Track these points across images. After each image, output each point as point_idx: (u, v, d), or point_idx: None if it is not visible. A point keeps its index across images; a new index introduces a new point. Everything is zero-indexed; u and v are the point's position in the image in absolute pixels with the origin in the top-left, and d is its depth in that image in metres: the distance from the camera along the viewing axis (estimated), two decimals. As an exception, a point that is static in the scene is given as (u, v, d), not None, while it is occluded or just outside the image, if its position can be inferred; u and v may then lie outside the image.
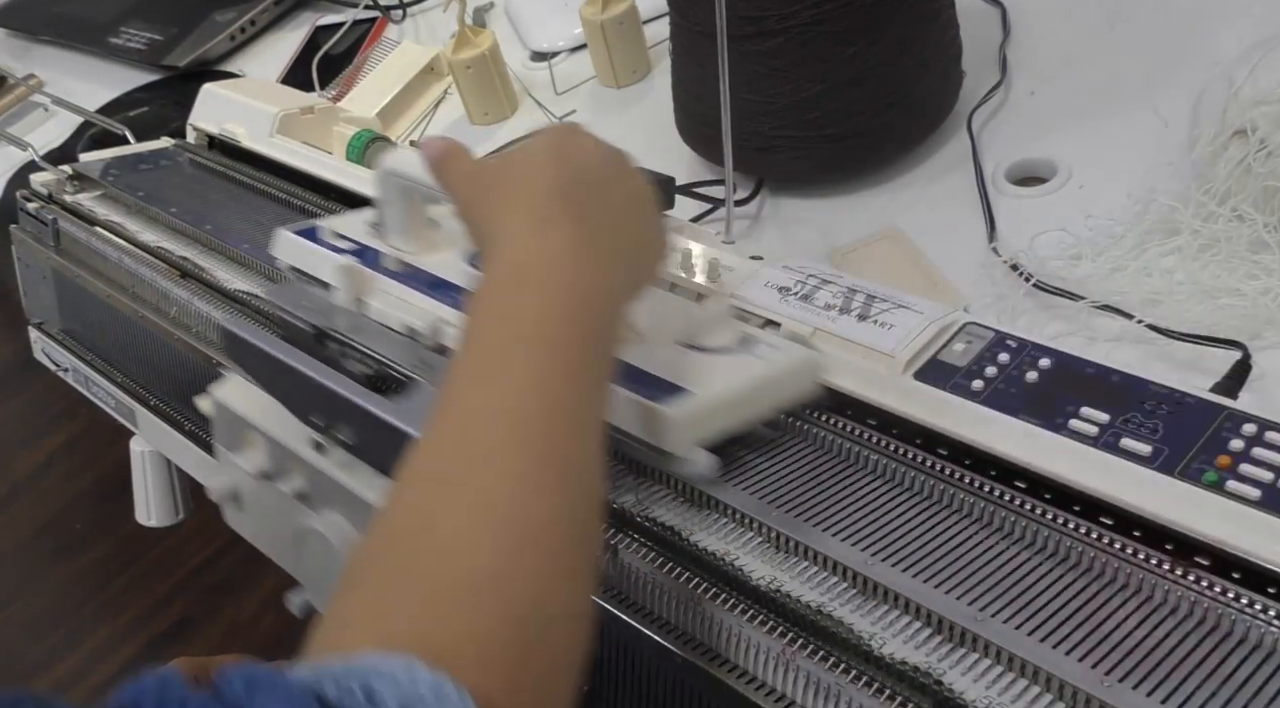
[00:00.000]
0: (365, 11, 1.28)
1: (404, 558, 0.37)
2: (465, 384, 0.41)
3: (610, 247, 0.45)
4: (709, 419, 0.51)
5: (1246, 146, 0.68)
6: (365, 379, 0.57)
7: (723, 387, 0.52)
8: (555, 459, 0.39)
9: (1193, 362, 0.63)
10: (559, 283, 0.43)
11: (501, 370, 0.41)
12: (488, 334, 0.42)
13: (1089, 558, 0.45)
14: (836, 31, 0.75)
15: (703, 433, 0.50)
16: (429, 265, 0.63)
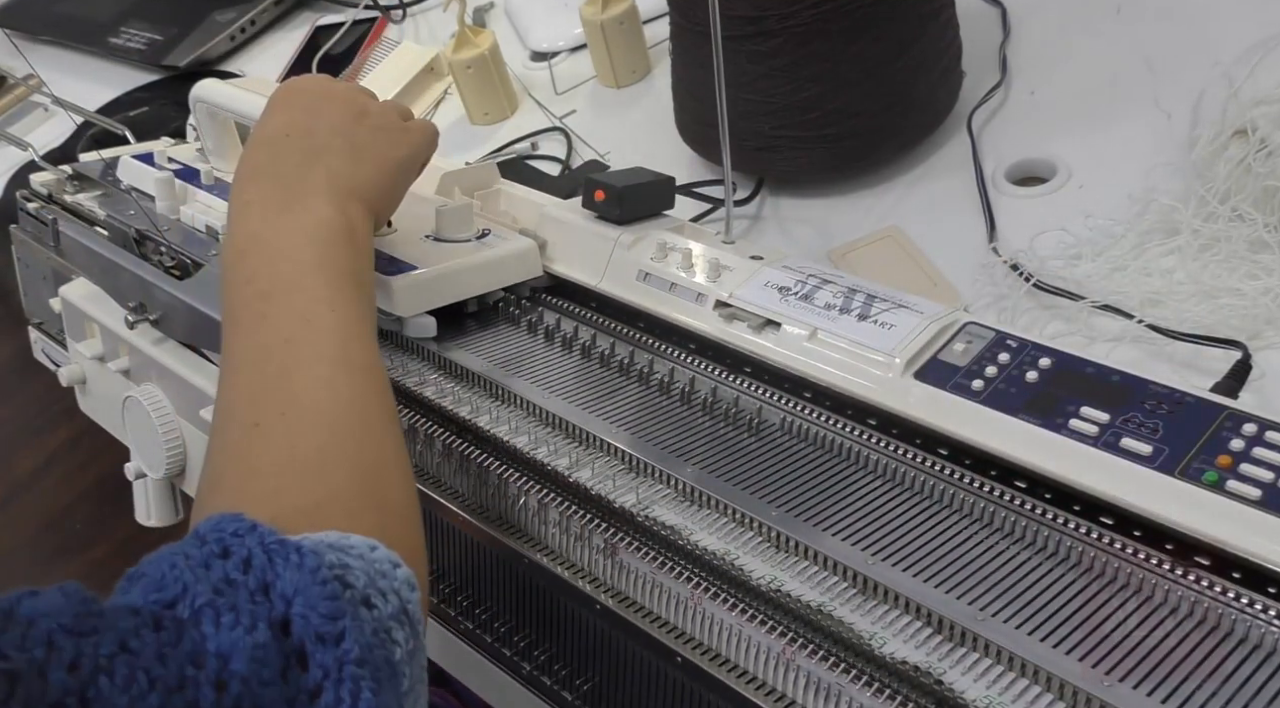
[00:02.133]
0: (365, 11, 1.28)
1: (270, 438, 0.44)
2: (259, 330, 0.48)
3: (334, 197, 0.53)
4: (429, 289, 0.63)
5: (1246, 146, 0.68)
6: (168, 269, 0.70)
7: (442, 266, 0.64)
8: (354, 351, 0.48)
9: (1193, 362, 0.63)
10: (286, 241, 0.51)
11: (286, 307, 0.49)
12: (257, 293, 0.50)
13: (1089, 558, 0.45)
14: (836, 31, 0.75)
15: (426, 301, 0.62)
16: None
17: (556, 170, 0.98)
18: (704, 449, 0.54)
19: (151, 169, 0.80)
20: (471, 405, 0.59)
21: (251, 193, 0.53)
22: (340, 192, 0.54)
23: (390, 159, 0.58)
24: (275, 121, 0.57)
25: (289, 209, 0.52)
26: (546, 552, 0.52)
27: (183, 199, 0.77)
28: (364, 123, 0.58)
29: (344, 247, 0.52)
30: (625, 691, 0.50)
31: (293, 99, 0.59)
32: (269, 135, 0.57)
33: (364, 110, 0.59)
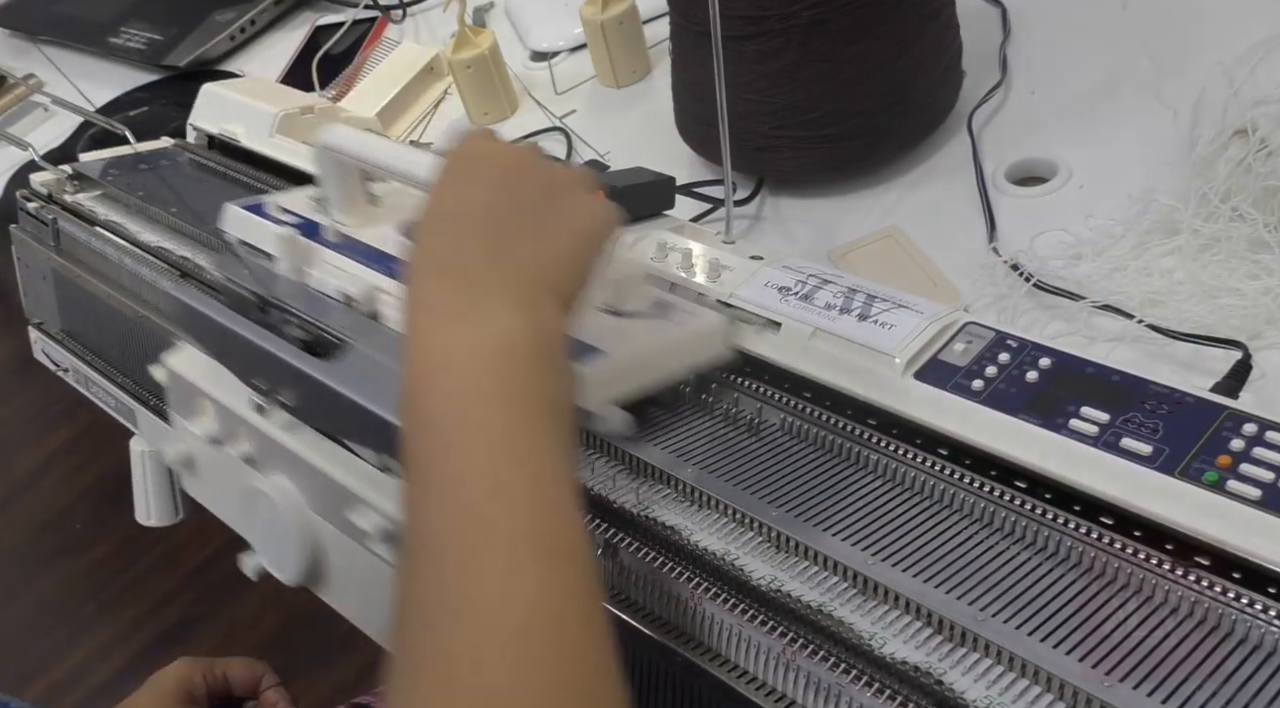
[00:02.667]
0: (365, 11, 1.28)
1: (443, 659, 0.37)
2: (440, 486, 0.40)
3: (522, 294, 0.44)
4: (621, 378, 0.54)
5: (1246, 146, 0.68)
6: (303, 344, 0.58)
7: (634, 348, 0.55)
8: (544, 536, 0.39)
9: (1193, 362, 0.63)
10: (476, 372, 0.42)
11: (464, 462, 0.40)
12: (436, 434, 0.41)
13: (1089, 558, 0.45)
14: (836, 31, 0.75)
15: (616, 391, 0.53)
16: (367, 237, 0.65)
17: (556, 170, 0.98)
18: (704, 449, 0.54)
19: (268, 223, 0.67)
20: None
21: (428, 292, 0.44)
22: (530, 286, 0.44)
23: (587, 245, 0.48)
24: (451, 196, 0.48)
25: (468, 319, 0.42)
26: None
27: (306, 259, 0.64)
28: (556, 201, 0.48)
29: (533, 364, 0.42)
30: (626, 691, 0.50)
31: (475, 169, 0.49)
32: (443, 214, 0.47)
33: (554, 181, 0.49)
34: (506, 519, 0.38)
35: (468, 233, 0.46)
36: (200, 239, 0.80)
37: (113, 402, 0.84)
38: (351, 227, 0.66)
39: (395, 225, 0.65)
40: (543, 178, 0.49)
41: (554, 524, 0.39)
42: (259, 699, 0.77)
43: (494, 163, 0.49)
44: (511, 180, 0.48)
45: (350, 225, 0.66)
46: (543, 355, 0.43)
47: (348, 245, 0.65)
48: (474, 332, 0.42)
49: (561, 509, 0.40)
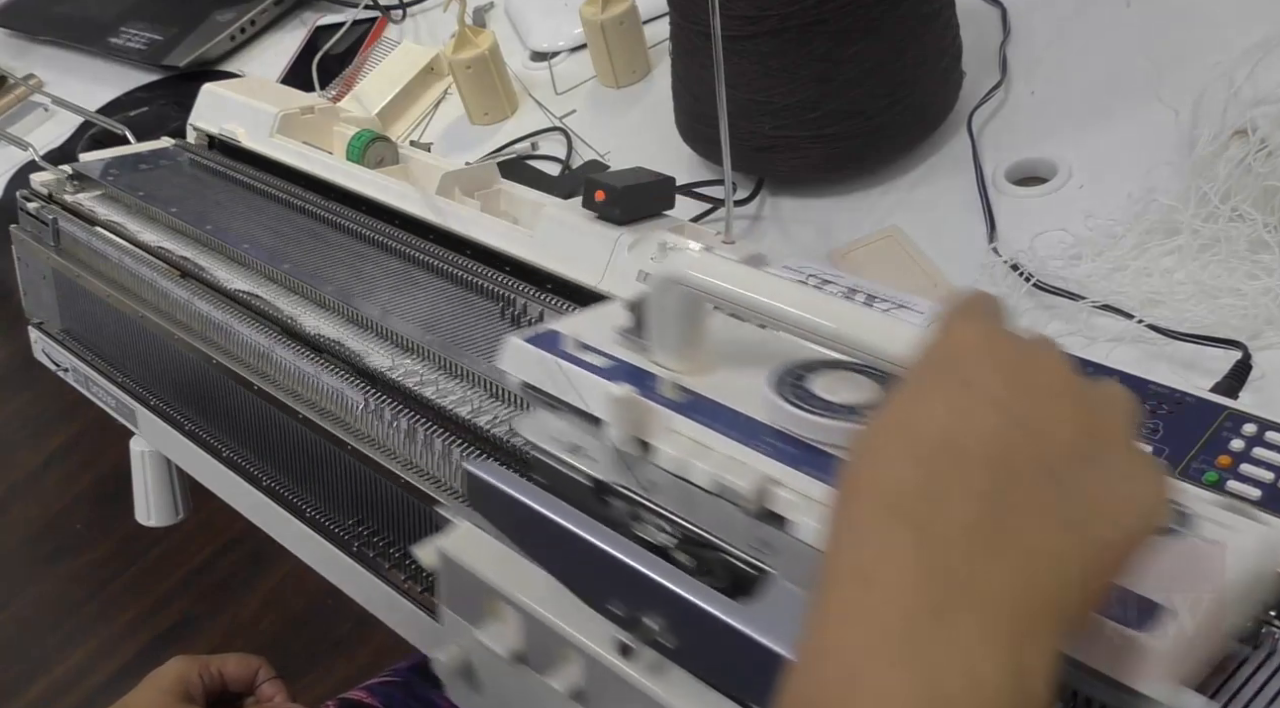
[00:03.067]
0: (365, 11, 1.28)
1: None
2: None
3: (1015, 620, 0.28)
4: (1192, 642, 0.35)
5: (1246, 146, 0.68)
6: (679, 557, 0.44)
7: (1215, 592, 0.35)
8: None
9: (1193, 362, 0.63)
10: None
11: None
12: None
13: (1089, 558, 0.45)
14: (836, 31, 0.75)
15: (1190, 665, 0.35)
16: (717, 394, 0.46)
17: (556, 170, 0.98)
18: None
19: (594, 378, 0.47)
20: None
21: (868, 556, 0.29)
22: (1030, 607, 0.28)
23: (1133, 538, 0.30)
24: (943, 410, 0.30)
25: (919, 643, 0.27)
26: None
27: (647, 428, 0.45)
28: (1103, 453, 0.31)
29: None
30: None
31: (981, 373, 0.31)
32: (927, 436, 0.30)
33: (1101, 424, 0.32)
34: None
35: (957, 478, 0.29)
36: (200, 239, 0.80)
37: (113, 402, 0.84)
38: (688, 376, 0.47)
39: (754, 374, 0.46)
40: (1084, 414, 0.31)
41: None
42: (256, 693, 0.77)
43: (1026, 372, 0.31)
44: (1040, 410, 0.31)
45: (685, 374, 0.48)
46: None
47: (697, 407, 0.46)
48: (920, 672, 0.26)
49: None
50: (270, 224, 0.81)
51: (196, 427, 0.76)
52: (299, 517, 0.68)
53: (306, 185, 0.84)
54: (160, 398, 0.80)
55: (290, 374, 0.68)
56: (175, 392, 0.79)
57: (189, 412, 0.77)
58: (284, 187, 0.85)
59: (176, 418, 0.78)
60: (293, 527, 0.68)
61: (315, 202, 0.82)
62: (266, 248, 0.77)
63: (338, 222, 0.79)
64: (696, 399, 0.46)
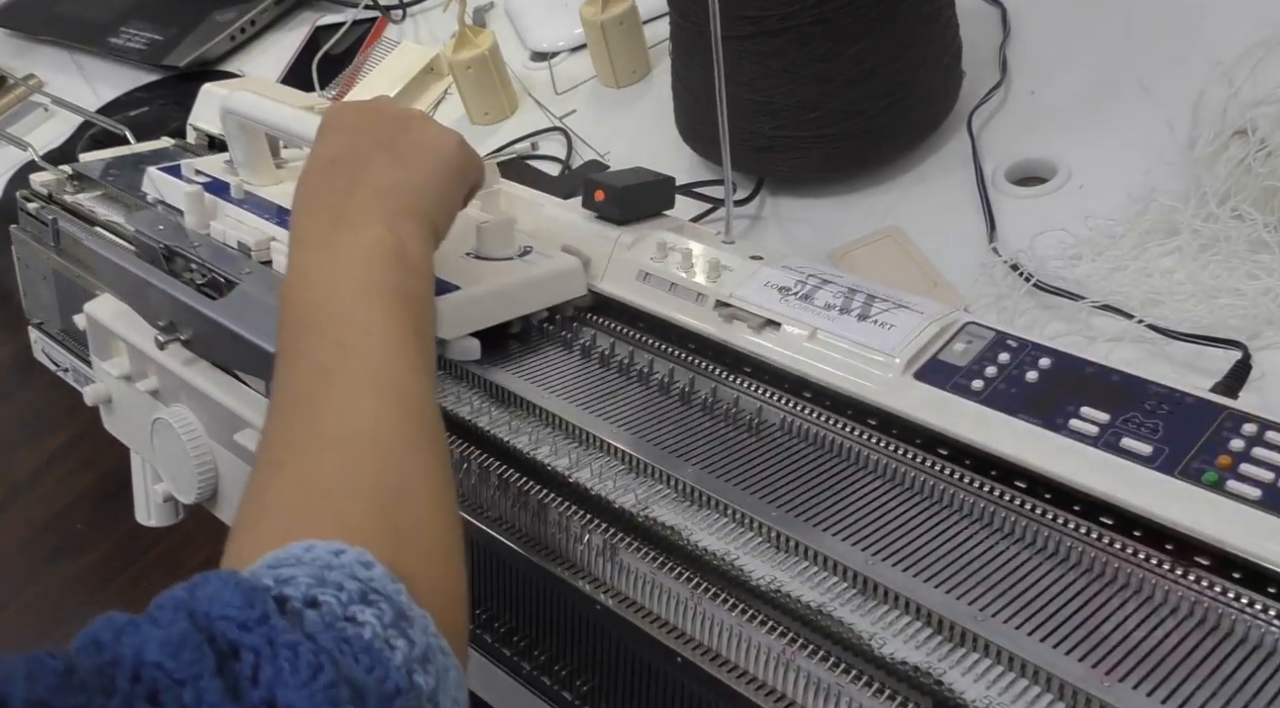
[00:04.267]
0: (365, 11, 1.28)
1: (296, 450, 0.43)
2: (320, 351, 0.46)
3: (381, 200, 0.51)
4: (472, 310, 0.60)
5: (1246, 146, 0.68)
6: (200, 287, 0.67)
7: (486, 285, 0.61)
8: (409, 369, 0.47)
9: (1193, 362, 0.63)
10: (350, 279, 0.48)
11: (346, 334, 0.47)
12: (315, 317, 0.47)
13: (1089, 558, 0.45)
14: (837, 31, 0.75)
15: (468, 322, 0.59)
16: (269, 194, 0.74)
17: (556, 170, 0.98)
18: (703, 449, 0.54)
19: (179, 182, 0.76)
20: (471, 406, 0.59)
21: (303, 226, 0.52)
22: (390, 210, 0.51)
23: (440, 167, 0.55)
24: (321, 148, 0.55)
25: (336, 236, 0.50)
26: (546, 553, 0.52)
27: (212, 214, 0.73)
28: (408, 133, 0.55)
29: (393, 267, 0.49)
30: (625, 691, 0.50)
31: (336, 122, 0.57)
32: (316, 163, 0.55)
33: (406, 118, 0.57)
34: (351, 370, 0.44)
35: (334, 173, 0.53)
36: (200, 239, 0.80)
37: (113, 402, 0.84)
38: (257, 186, 0.75)
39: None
40: (395, 117, 0.56)
41: (394, 372, 0.45)
42: None
43: (353, 112, 0.57)
44: (368, 122, 0.56)
45: (256, 185, 0.75)
46: (405, 261, 0.49)
47: (250, 202, 0.73)
48: (342, 243, 0.49)
49: (405, 362, 0.46)
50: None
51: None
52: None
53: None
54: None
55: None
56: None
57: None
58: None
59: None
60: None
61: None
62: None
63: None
64: (253, 198, 0.74)
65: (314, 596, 0.35)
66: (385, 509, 0.41)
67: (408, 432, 0.44)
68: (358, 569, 0.36)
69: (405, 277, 0.49)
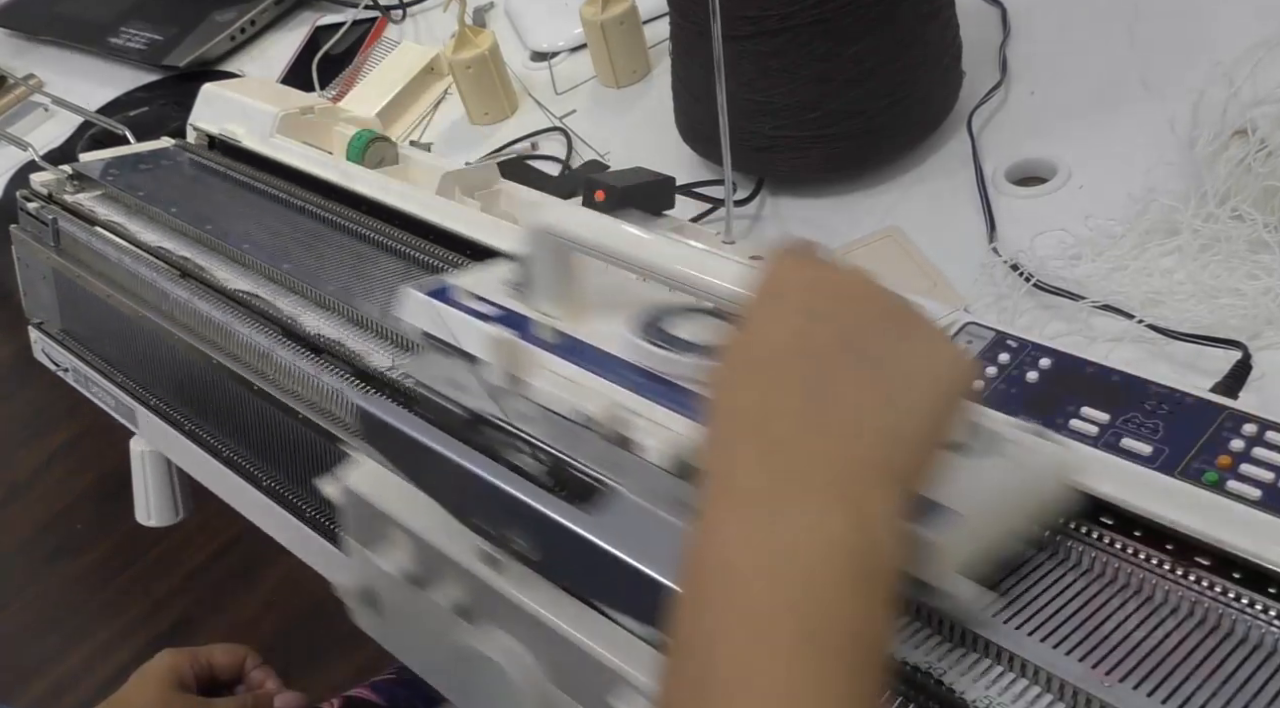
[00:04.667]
0: (365, 11, 1.28)
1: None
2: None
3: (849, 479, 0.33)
4: (970, 538, 0.41)
5: (1246, 146, 0.68)
6: (541, 478, 0.47)
7: (978, 497, 0.41)
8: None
9: (1193, 362, 0.63)
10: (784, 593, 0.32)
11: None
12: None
13: (1089, 558, 0.45)
14: (837, 31, 0.75)
15: (966, 556, 0.41)
16: (587, 335, 0.52)
17: (556, 170, 0.98)
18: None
19: (468, 317, 0.53)
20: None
21: (727, 462, 0.34)
22: (860, 466, 0.34)
23: (943, 399, 0.36)
24: (770, 329, 0.37)
25: (771, 509, 0.33)
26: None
27: (520, 366, 0.51)
28: (907, 337, 0.36)
29: (846, 589, 0.32)
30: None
31: (797, 293, 0.37)
32: (759, 353, 0.36)
33: (903, 316, 0.37)
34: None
35: (791, 383, 0.35)
36: (200, 239, 0.80)
37: (113, 402, 0.84)
38: (563, 321, 0.53)
39: (626, 321, 0.52)
40: (897, 316, 0.37)
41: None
42: (246, 680, 0.77)
43: (834, 289, 0.37)
44: (858, 315, 0.36)
45: (561, 319, 0.53)
46: (862, 574, 0.32)
47: (569, 347, 0.51)
48: (781, 532, 0.32)
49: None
50: (270, 224, 0.81)
51: (196, 427, 0.76)
52: (299, 517, 0.68)
53: (306, 185, 0.84)
54: (160, 398, 0.80)
55: (291, 374, 0.68)
56: (175, 391, 0.79)
57: (189, 412, 0.77)
58: (284, 187, 0.85)
59: (176, 418, 0.78)
60: (293, 527, 0.68)
61: (315, 202, 0.82)
62: (266, 248, 0.77)
63: (337, 222, 0.79)
64: (568, 341, 0.52)
65: None
66: None
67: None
68: None
69: (869, 608, 0.33)
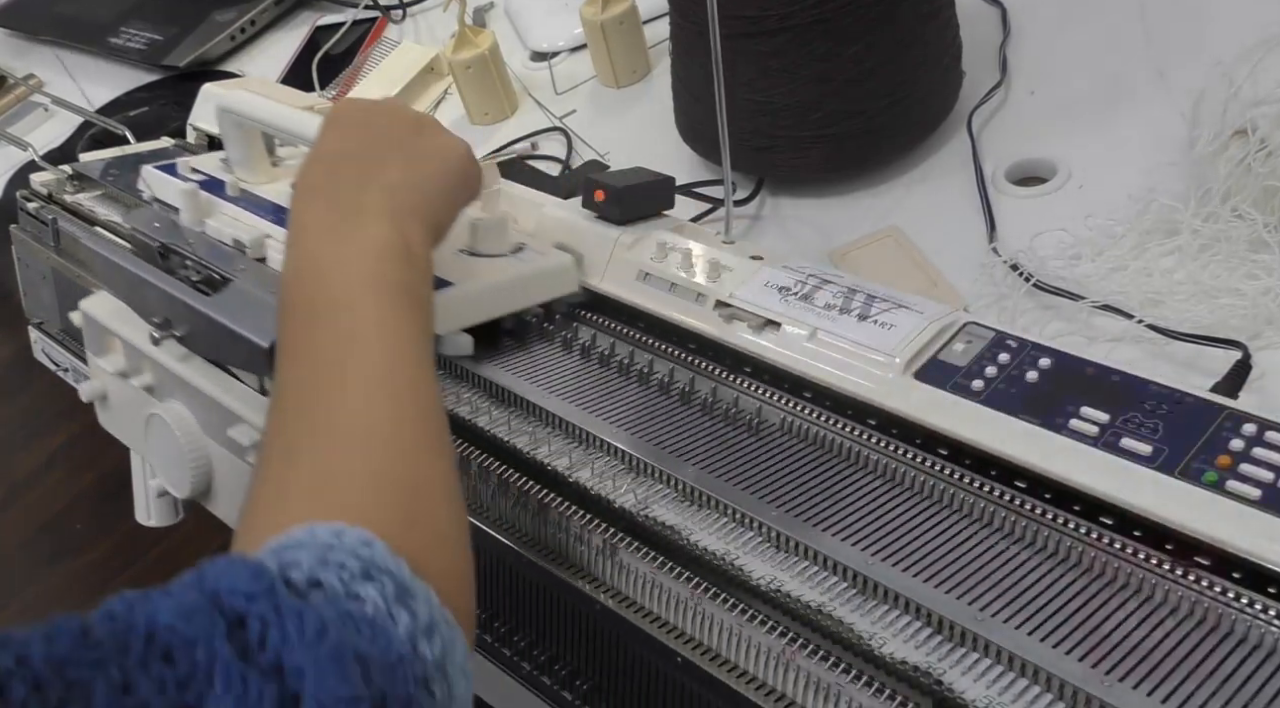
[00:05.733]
0: (365, 11, 1.28)
1: (307, 433, 0.44)
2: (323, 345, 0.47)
3: (391, 199, 0.51)
4: (466, 306, 0.61)
5: (1246, 146, 0.68)
6: (195, 284, 0.66)
7: (479, 281, 0.62)
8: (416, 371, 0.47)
9: (1193, 362, 0.63)
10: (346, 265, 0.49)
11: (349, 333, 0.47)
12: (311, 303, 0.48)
13: (1089, 558, 0.45)
14: (837, 31, 0.75)
15: (462, 318, 0.60)
16: (265, 192, 0.75)
17: (556, 170, 0.98)
18: (703, 449, 0.54)
19: (175, 180, 0.76)
20: (470, 405, 0.59)
21: (307, 215, 0.51)
22: (398, 209, 0.51)
23: (449, 172, 0.56)
24: (331, 139, 0.56)
25: (344, 230, 0.50)
26: (546, 553, 0.52)
27: (208, 212, 0.72)
28: (420, 135, 0.56)
29: (399, 265, 0.49)
30: (625, 690, 0.50)
31: (348, 117, 0.57)
32: (325, 153, 0.55)
33: (420, 122, 0.58)
34: (361, 364, 0.45)
35: (343, 165, 0.53)
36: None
37: (112, 401, 0.85)
38: (253, 184, 0.75)
39: (291, 181, 0.67)
40: (409, 119, 0.57)
41: (404, 368, 0.46)
42: None
43: (365, 109, 0.57)
44: (380, 119, 0.56)
45: (252, 183, 0.76)
46: (410, 261, 0.50)
47: (245, 199, 0.73)
48: (349, 237, 0.49)
49: (413, 359, 0.46)
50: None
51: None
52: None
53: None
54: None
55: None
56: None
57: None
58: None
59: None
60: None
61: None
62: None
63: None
64: (248, 196, 0.74)
65: (317, 576, 0.36)
66: (396, 499, 0.42)
67: (417, 425, 0.45)
68: (359, 548, 0.37)
69: (412, 274, 0.50)
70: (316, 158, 0.55)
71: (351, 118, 0.57)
